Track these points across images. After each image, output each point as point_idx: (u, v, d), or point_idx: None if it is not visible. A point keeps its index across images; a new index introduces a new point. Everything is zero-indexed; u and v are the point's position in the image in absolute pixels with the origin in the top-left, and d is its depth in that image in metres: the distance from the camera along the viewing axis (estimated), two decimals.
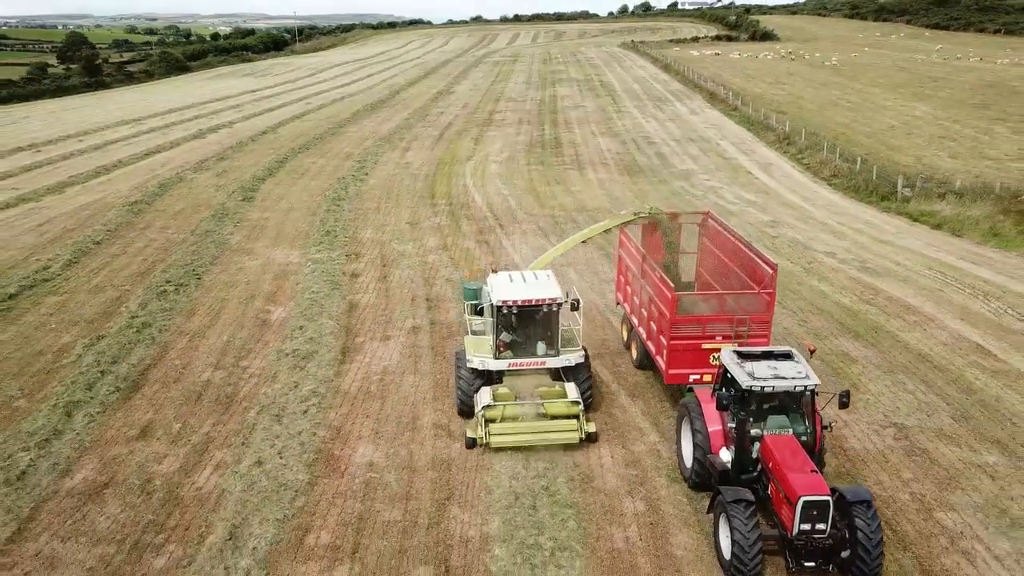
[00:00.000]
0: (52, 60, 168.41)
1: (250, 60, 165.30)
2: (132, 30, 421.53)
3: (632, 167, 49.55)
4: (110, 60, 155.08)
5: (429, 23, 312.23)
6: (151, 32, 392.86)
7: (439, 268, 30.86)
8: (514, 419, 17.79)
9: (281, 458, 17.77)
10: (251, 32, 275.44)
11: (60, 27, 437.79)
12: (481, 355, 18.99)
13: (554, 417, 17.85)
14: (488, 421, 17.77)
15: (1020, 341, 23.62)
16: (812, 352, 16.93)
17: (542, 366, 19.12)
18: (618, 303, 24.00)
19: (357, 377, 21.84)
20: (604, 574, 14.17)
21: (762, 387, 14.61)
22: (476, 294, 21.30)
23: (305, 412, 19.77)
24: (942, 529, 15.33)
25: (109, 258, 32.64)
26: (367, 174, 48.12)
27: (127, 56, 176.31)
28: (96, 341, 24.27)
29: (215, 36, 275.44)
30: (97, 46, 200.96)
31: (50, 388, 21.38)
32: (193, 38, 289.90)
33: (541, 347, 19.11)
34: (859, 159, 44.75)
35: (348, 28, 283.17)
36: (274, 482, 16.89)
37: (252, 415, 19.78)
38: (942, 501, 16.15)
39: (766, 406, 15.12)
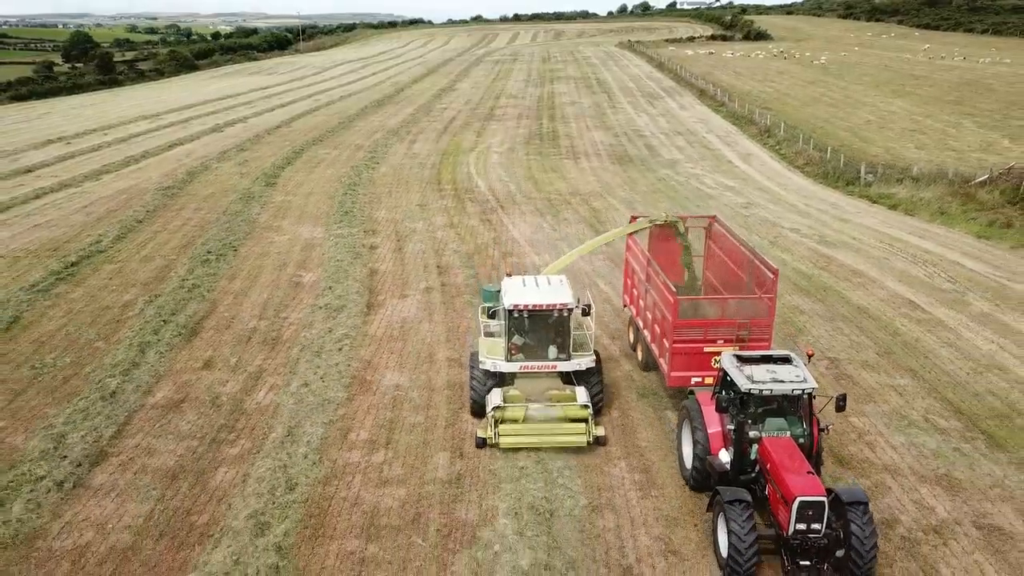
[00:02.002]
0: (57, 59, 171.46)
1: (255, 59, 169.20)
2: (133, 29, 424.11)
3: (623, 157, 53.62)
4: (115, 59, 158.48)
5: (429, 23, 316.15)
6: (152, 31, 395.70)
7: (447, 242, 34.83)
8: (519, 420, 18.22)
9: (323, 381, 21.73)
10: (254, 31, 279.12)
11: (60, 26, 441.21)
12: (494, 357, 19.25)
13: (564, 419, 18.29)
14: (498, 422, 18.18)
15: (946, 298, 27.63)
16: (810, 356, 17.04)
17: (553, 370, 19.35)
18: (625, 306, 24.15)
19: (381, 325, 25.82)
20: (583, 457, 18.12)
21: (760, 390, 14.86)
22: (496, 296, 21.17)
23: (340, 349, 23.74)
24: (853, 428, 19.30)
25: (152, 234, 36.59)
26: (378, 163, 52.15)
27: (130, 55, 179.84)
28: (154, 299, 28.24)
29: (215, 35, 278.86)
30: (101, 45, 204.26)
31: (122, 333, 25.34)
32: (194, 37, 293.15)
33: (552, 351, 19.35)
34: (829, 148, 48.81)
35: (349, 28, 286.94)
36: (319, 398, 20.85)
37: (295, 352, 23.77)
38: (857, 410, 20.12)
39: (765, 409, 15.39)
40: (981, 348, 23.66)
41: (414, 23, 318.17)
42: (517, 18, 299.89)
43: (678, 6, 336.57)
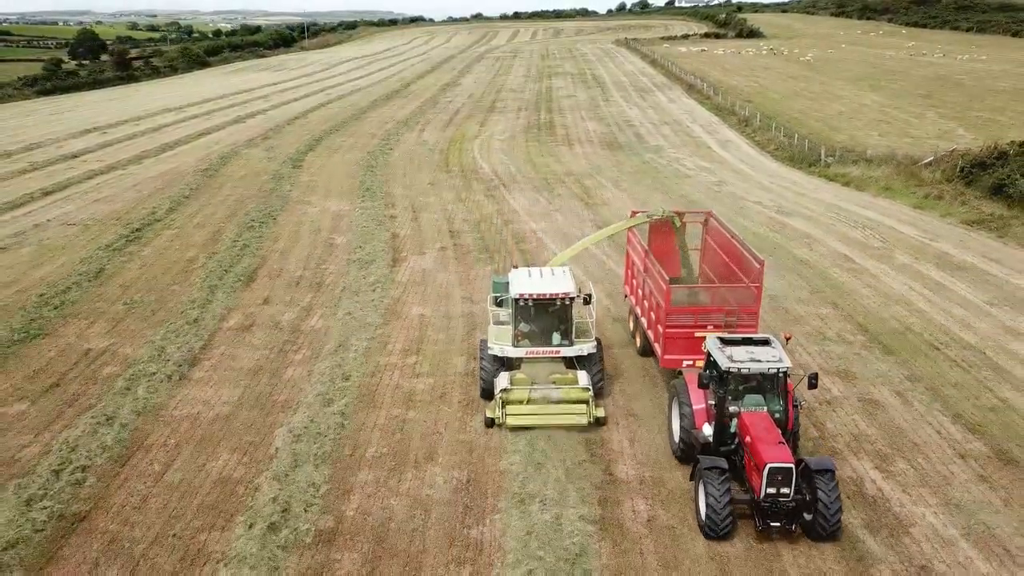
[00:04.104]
0: (63, 56, 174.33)
1: (263, 56, 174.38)
2: (134, 27, 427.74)
3: (613, 144, 59.18)
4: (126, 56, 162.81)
5: (431, 20, 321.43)
6: (153, 28, 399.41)
7: (457, 212, 40.28)
8: (524, 402, 19.46)
9: (363, 311, 27.15)
10: (258, 29, 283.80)
11: (61, 23, 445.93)
12: (501, 343, 20.65)
13: (566, 401, 19.57)
14: (505, 403, 19.44)
15: (875, 253, 33.11)
16: (788, 339, 18.41)
17: (557, 355, 20.64)
18: (626, 296, 25.55)
19: (406, 274, 31.26)
20: None
21: (739, 369, 16.16)
22: (505, 287, 21.85)
23: (374, 290, 29.17)
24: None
25: (200, 207, 41.99)
26: (391, 149, 57.66)
27: (133, 52, 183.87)
28: (212, 256, 33.65)
29: (217, 32, 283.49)
30: (108, 43, 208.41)
31: (192, 280, 30.76)
32: (195, 34, 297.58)
33: (556, 337, 20.58)
34: (796, 135, 54.30)
35: (351, 26, 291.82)
36: (360, 322, 26.25)
37: (337, 292, 29.22)
38: (785, 329, 25.48)
39: (744, 386, 16.61)
40: (895, 288, 29.12)
41: (415, 21, 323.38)
42: (517, 16, 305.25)
43: (676, 4, 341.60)
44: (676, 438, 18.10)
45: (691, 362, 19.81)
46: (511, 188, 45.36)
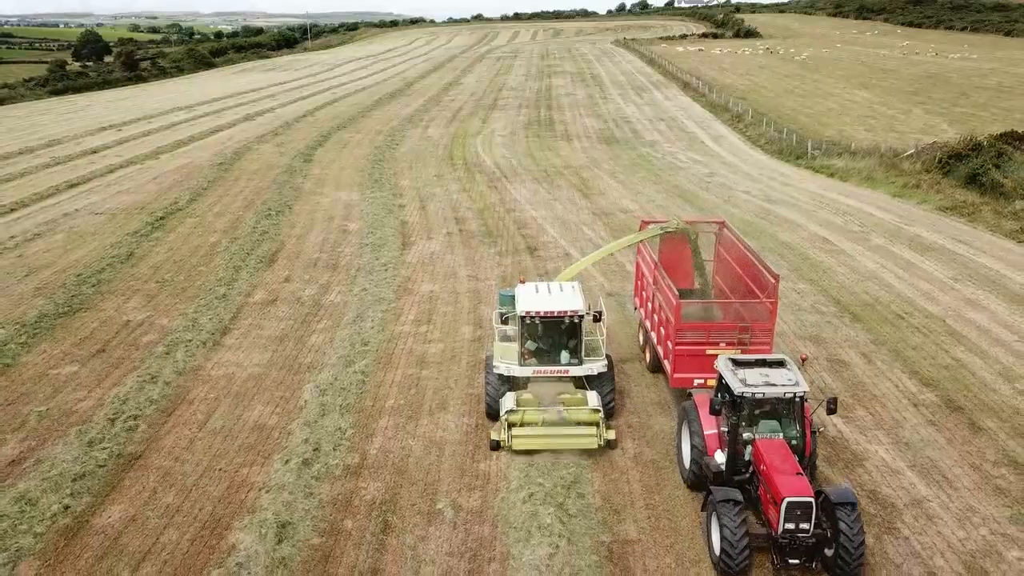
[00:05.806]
0: (67, 58, 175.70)
1: (267, 56, 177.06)
2: (135, 28, 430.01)
3: (610, 139, 61.60)
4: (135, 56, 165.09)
5: (431, 21, 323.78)
6: (154, 30, 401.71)
7: (461, 202, 42.64)
8: (532, 424, 18.64)
9: (377, 288, 29.51)
10: (260, 31, 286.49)
11: (62, 25, 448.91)
12: (507, 361, 19.77)
13: (575, 423, 18.67)
14: (511, 425, 18.63)
15: (853, 236, 35.46)
16: (804, 361, 17.67)
17: (565, 374, 19.83)
18: (636, 308, 24.87)
19: (415, 256, 33.61)
20: None
21: (753, 393, 15.23)
22: (511, 301, 21.18)
23: (386, 270, 31.54)
24: None
25: (218, 197, 44.36)
26: (397, 144, 60.05)
27: (137, 54, 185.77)
28: (234, 241, 36.01)
29: (218, 34, 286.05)
30: (111, 45, 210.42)
31: (217, 262, 33.12)
32: (197, 36, 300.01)
33: (565, 356, 19.80)
34: (785, 129, 56.68)
35: (352, 27, 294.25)
36: (375, 297, 28.61)
37: (352, 272, 31.57)
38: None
39: (758, 411, 15.68)
40: (868, 267, 31.48)
41: (416, 22, 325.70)
42: (517, 16, 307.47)
43: (675, 4, 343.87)
44: (686, 465, 17.16)
45: (702, 381, 18.86)
46: (512, 180, 47.73)
